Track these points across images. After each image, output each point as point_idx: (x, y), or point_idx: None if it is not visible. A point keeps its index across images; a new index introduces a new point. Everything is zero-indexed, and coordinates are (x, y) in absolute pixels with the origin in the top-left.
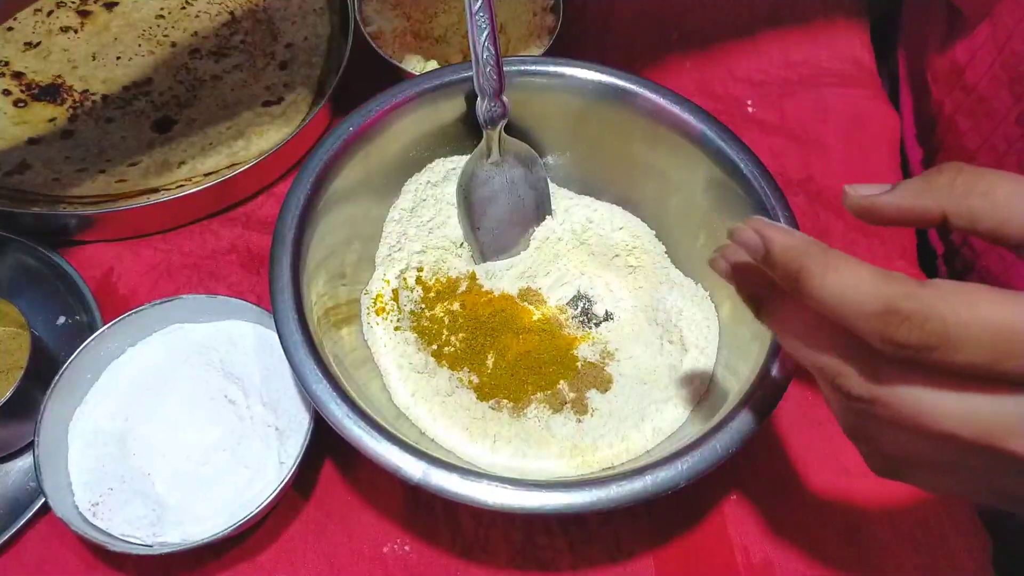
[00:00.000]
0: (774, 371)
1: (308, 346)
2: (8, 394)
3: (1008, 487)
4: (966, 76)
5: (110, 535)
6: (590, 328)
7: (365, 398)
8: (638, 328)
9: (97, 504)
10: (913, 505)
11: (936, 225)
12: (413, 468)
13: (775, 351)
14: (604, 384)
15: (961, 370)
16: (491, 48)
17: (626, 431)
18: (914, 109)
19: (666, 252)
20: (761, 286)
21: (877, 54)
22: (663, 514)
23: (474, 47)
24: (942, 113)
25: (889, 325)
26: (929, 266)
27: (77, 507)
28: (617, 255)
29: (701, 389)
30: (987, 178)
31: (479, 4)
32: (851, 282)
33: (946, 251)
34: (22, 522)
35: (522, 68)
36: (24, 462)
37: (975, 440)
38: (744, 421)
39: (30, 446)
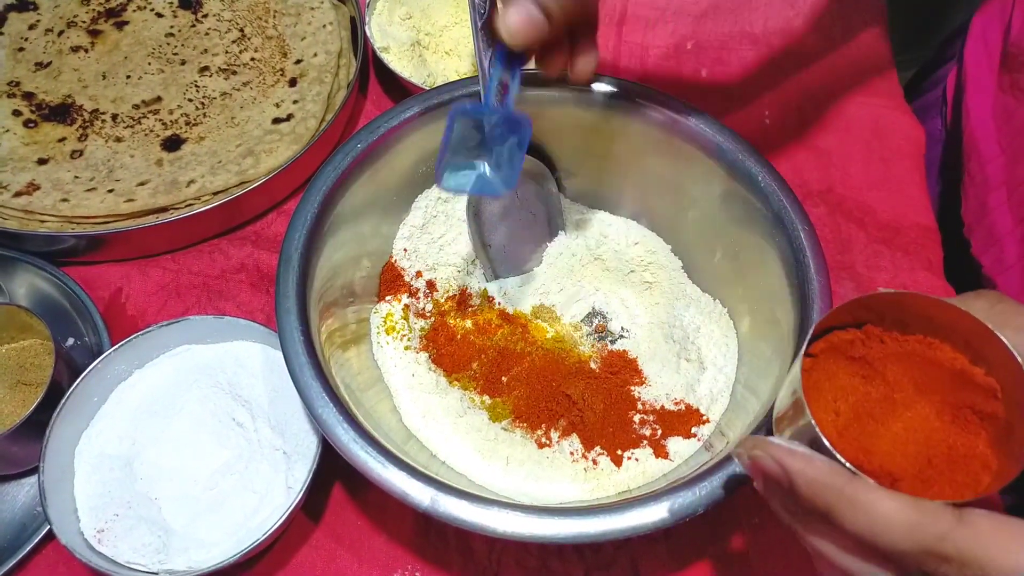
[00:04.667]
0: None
1: (314, 368)
2: (35, 403)
3: None
4: None
5: (116, 563)
6: (605, 345)
7: (373, 421)
8: (654, 346)
9: (103, 531)
10: None
11: None
12: (421, 495)
13: None
14: None
15: None
16: (498, 63)
17: (643, 453)
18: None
19: (683, 267)
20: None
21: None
22: (682, 539)
23: (480, 63)
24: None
25: (927, 564)
26: (961, 280)
27: (82, 533)
28: (632, 271)
29: (721, 410)
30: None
31: (485, 19)
32: (882, 521)
33: (991, 264)
34: (28, 548)
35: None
36: (33, 484)
37: None
38: None
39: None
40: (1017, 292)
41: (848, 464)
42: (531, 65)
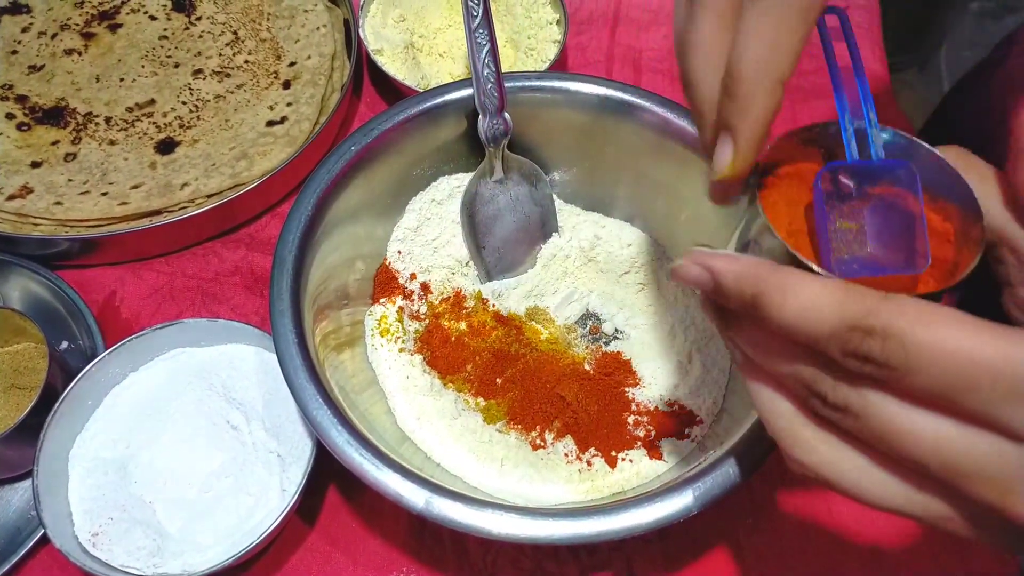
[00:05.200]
0: None
1: (309, 371)
2: (29, 407)
3: (964, 527)
4: None
5: (110, 566)
6: (599, 347)
7: (368, 423)
8: (648, 347)
9: (97, 534)
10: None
11: None
12: (416, 497)
13: None
14: None
15: (921, 395)
16: (491, 65)
17: (637, 455)
18: None
19: None
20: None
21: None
22: (676, 540)
23: (474, 64)
24: None
25: (851, 341)
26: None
27: (77, 537)
28: (626, 272)
29: (714, 410)
30: None
31: (478, 21)
32: (810, 302)
33: None
34: (23, 552)
35: (525, 84)
36: (27, 488)
37: (943, 475)
38: (759, 444)
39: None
40: None
41: (798, 254)
42: (521, 67)
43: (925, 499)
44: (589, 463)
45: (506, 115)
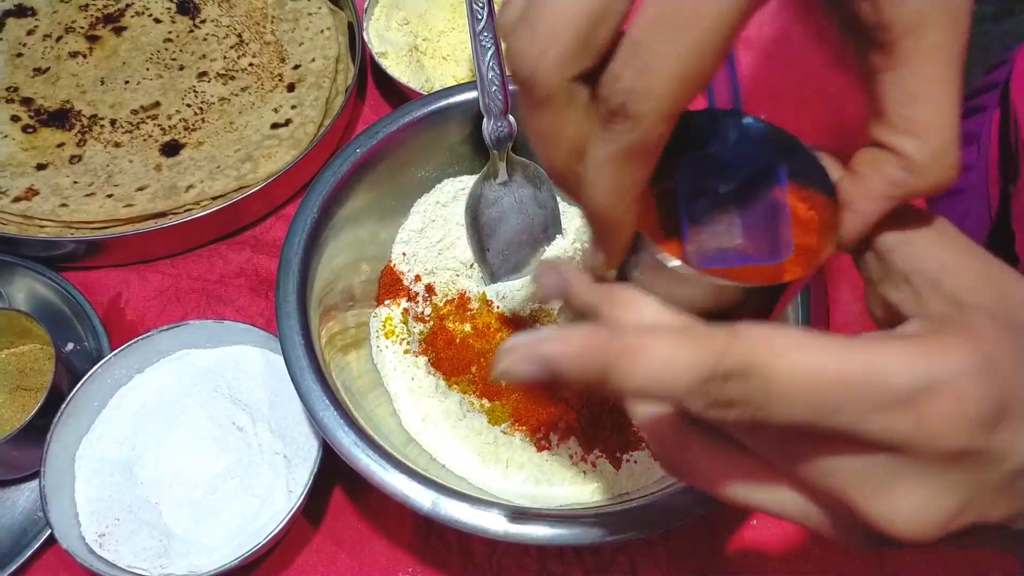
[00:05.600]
0: None
1: (315, 372)
2: (36, 408)
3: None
4: None
5: (117, 567)
6: None
7: (374, 424)
8: None
9: (104, 535)
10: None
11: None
12: (423, 498)
13: None
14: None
15: (790, 426)
16: (496, 68)
17: (642, 456)
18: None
19: None
20: None
21: None
22: (679, 541)
23: (479, 67)
24: None
25: (710, 392)
26: None
27: (84, 538)
28: None
29: None
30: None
31: (482, 24)
32: (661, 361)
33: None
34: (29, 553)
35: None
36: (33, 489)
37: (796, 470)
38: None
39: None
40: None
41: (660, 251)
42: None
43: (783, 496)
44: (594, 464)
45: (510, 118)
